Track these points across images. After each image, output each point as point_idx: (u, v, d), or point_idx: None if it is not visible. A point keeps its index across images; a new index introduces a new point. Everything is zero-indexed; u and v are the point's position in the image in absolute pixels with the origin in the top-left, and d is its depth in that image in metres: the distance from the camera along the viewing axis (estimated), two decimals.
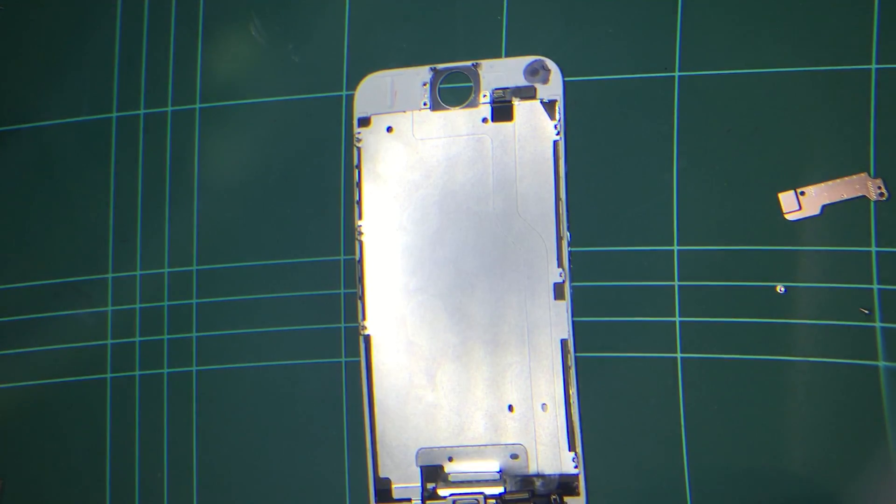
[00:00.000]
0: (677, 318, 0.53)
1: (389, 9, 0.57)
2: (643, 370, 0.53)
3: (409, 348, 0.54)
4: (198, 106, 0.58)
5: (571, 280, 0.53)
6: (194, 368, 0.57)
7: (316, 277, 0.56)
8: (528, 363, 0.53)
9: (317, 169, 0.57)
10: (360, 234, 0.55)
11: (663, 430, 0.52)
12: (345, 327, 0.56)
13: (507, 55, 0.55)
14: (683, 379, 0.52)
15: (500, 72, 0.55)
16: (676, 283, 0.53)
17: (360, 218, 0.56)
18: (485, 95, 0.55)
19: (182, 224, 0.58)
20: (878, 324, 0.51)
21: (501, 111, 0.55)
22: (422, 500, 0.53)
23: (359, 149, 0.56)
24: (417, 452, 0.54)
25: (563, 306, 0.53)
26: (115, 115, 0.59)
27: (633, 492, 0.52)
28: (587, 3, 0.55)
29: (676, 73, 0.54)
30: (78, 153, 0.60)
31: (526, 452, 0.53)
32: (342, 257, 0.56)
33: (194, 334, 0.58)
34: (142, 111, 0.59)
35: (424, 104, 0.56)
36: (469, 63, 0.55)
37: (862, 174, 0.51)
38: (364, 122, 0.56)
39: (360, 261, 0.55)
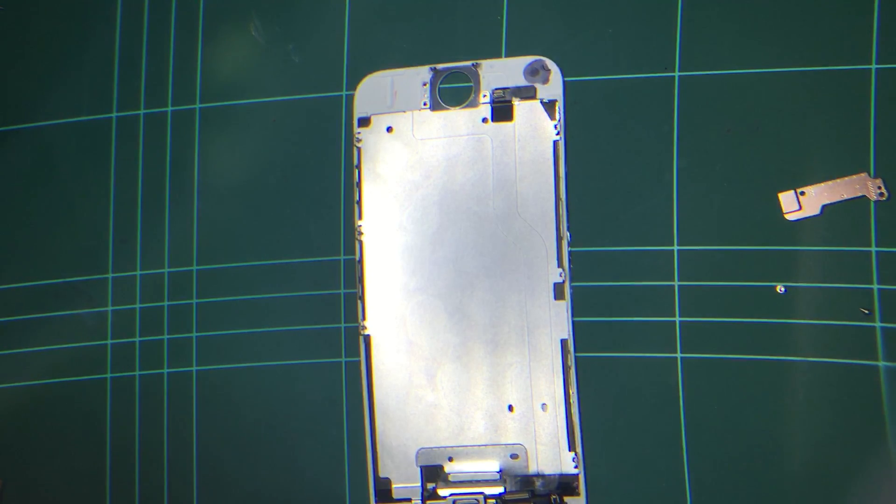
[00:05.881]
0: (677, 318, 0.53)
1: (389, 9, 0.57)
2: (643, 370, 0.53)
3: (409, 348, 0.54)
4: (198, 106, 0.58)
5: (571, 280, 0.53)
6: (194, 368, 0.57)
7: (316, 277, 0.56)
8: (528, 363, 0.53)
9: (317, 169, 0.57)
10: (360, 234, 0.55)
11: (663, 430, 0.52)
12: (345, 327, 0.56)
13: (507, 55, 0.55)
14: (683, 379, 0.52)
15: (500, 72, 0.55)
16: (676, 283, 0.53)
17: (360, 218, 0.56)
18: (485, 95, 0.55)
19: (182, 224, 0.58)
20: (878, 324, 0.51)
21: (501, 111, 0.55)
22: (422, 500, 0.53)
23: (359, 149, 0.56)
24: (417, 452, 0.54)
25: (563, 306, 0.53)
26: (115, 115, 0.59)
27: (633, 492, 0.52)
28: (587, 3, 0.55)
29: (676, 73, 0.53)
30: (78, 153, 0.60)
31: (526, 452, 0.53)
32: (342, 257, 0.56)
33: (194, 334, 0.58)
34: (142, 111, 0.59)
35: (424, 104, 0.56)
36: (469, 63, 0.55)
37: (862, 174, 0.51)
38: (364, 122, 0.56)
39: (360, 261, 0.55)
